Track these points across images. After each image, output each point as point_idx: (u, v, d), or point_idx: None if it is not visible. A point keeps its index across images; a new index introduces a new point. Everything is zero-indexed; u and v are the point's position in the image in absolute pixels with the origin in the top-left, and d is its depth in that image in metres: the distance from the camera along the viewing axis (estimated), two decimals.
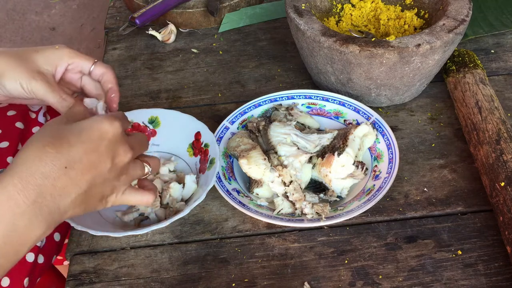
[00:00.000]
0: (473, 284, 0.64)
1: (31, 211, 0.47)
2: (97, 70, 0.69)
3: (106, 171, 0.51)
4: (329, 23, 0.91)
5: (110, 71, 0.69)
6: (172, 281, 0.66)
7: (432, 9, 0.89)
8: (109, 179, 0.52)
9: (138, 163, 0.56)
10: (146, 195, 0.58)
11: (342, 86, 0.84)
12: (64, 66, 0.68)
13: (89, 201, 0.52)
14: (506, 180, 0.67)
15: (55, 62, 0.67)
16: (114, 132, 0.51)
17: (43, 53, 0.66)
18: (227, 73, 0.97)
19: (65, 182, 0.48)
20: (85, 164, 0.49)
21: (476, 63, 0.86)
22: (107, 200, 0.54)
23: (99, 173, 0.50)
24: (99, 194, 0.52)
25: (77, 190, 0.49)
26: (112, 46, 1.04)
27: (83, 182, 0.49)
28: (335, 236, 0.70)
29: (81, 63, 0.68)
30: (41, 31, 2.30)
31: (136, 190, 0.57)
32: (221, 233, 0.71)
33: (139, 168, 0.56)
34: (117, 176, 0.53)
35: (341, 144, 0.73)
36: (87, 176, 0.50)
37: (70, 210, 0.50)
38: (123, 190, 0.55)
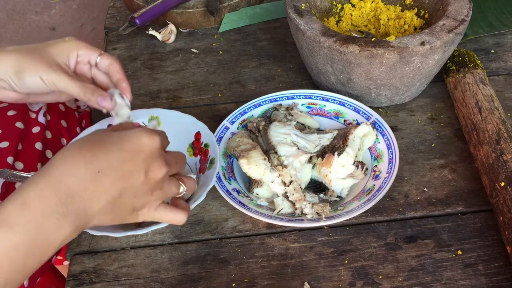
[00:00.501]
0: (473, 284, 0.64)
1: (60, 211, 0.47)
2: (103, 61, 0.70)
3: (139, 183, 0.50)
4: (329, 23, 0.91)
5: (115, 62, 0.70)
6: (172, 281, 0.66)
7: (432, 9, 0.89)
8: (142, 192, 0.51)
9: (173, 181, 0.55)
10: (178, 213, 0.56)
11: (342, 86, 0.84)
12: (74, 57, 0.68)
13: (119, 211, 0.51)
14: (506, 180, 0.67)
15: (67, 53, 0.68)
16: (152, 146, 0.51)
17: (55, 46, 0.67)
18: (227, 73, 0.97)
19: (96, 187, 0.48)
20: (118, 173, 0.49)
21: (476, 63, 0.86)
22: (138, 213, 0.53)
23: (131, 184, 0.50)
24: (129, 206, 0.52)
25: (107, 197, 0.49)
26: (112, 46, 1.04)
27: (113, 190, 0.49)
28: (335, 236, 0.70)
29: (89, 54, 0.69)
30: (41, 31, 2.30)
31: (169, 207, 0.56)
32: (221, 233, 0.71)
33: (174, 186, 0.55)
34: (150, 190, 0.52)
35: (341, 144, 0.73)
36: (119, 185, 0.49)
37: (97, 216, 0.49)
38: (156, 206, 0.54)
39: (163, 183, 0.53)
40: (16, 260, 0.45)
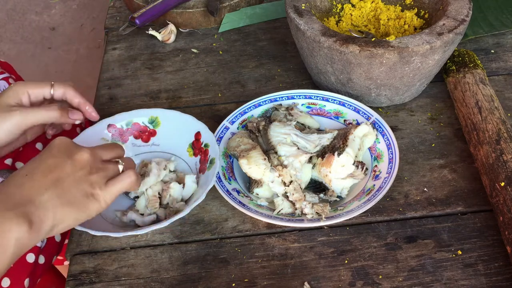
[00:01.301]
0: (473, 284, 0.64)
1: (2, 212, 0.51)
2: (57, 92, 0.73)
3: (69, 168, 0.56)
4: (329, 23, 0.91)
5: (69, 88, 0.73)
6: (172, 281, 0.66)
7: (432, 9, 0.89)
8: (80, 175, 0.56)
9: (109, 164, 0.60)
10: (126, 176, 0.60)
11: (342, 86, 0.84)
12: (26, 96, 0.71)
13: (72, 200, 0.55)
14: (506, 180, 0.67)
15: (17, 95, 0.70)
16: (62, 140, 0.58)
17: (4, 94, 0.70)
18: (227, 73, 0.97)
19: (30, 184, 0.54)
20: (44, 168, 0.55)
21: (476, 63, 0.86)
22: (94, 196, 0.57)
23: (62, 171, 0.55)
24: (79, 192, 0.56)
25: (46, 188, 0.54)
26: (112, 46, 1.04)
27: (48, 181, 0.54)
28: (335, 236, 0.70)
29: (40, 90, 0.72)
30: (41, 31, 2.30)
31: (115, 178, 0.60)
32: (221, 233, 0.71)
33: (110, 165, 0.60)
34: (87, 173, 0.57)
35: (341, 144, 0.73)
36: (51, 175, 0.55)
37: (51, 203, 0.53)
38: (103, 183, 0.58)
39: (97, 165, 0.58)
40: None
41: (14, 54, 2.17)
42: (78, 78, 2.03)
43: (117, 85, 0.96)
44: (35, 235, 0.51)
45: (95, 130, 0.78)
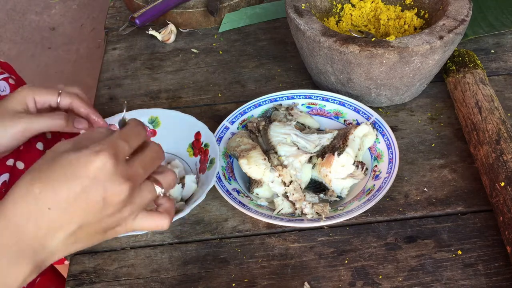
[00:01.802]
0: (473, 284, 0.64)
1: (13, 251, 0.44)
2: (64, 101, 0.69)
3: (98, 210, 0.45)
4: (329, 23, 0.91)
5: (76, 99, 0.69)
6: (172, 281, 0.66)
7: (432, 9, 0.89)
8: (107, 215, 0.47)
9: (145, 187, 0.49)
10: (159, 219, 0.50)
11: (342, 86, 0.84)
12: (32, 102, 0.68)
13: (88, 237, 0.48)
14: (506, 180, 0.67)
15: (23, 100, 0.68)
16: (104, 168, 0.45)
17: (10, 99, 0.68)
18: (227, 73, 0.97)
19: (49, 224, 0.45)
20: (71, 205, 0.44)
21: (476, 63, 0.86)
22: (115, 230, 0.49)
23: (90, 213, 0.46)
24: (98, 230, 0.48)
25: (65, 231, 0.45)
26: (112, 46, 1.04)
27: (70, 224, 0.45)
28: (335, 236, 0.70)
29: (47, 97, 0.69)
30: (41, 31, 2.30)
31: (149, 215, 0.50)
32: (221, 233, 0.71)
33: (147, 192, 0.49)
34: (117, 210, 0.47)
35: (341, 144, 0.73)
36: (75, 217, 0.45)
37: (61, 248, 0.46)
38: (132, 219, 0.49)
39: (132, 197, 0.47)
40: None
41: (14, 54, 2.17)
42: (78, 78, 2.03)
43: (117, 85, 0.96)
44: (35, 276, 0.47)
45: None
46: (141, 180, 0.48)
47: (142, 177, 0.48)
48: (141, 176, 0.48)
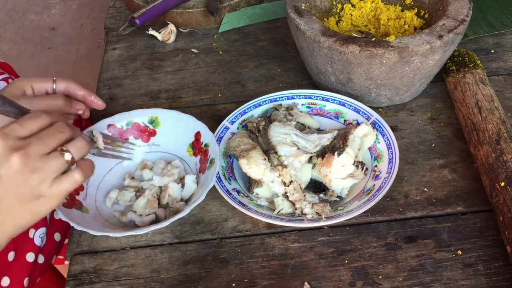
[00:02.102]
0: (473, 284, 0.64)
1: None
2: (60, 86, 0.74)
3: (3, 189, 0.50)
4: (329, 23, 0.91)
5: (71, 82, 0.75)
6: (172, 281, 0.66)
7: (432, 9, 0.89)
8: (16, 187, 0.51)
9: (51, 156, 0.52)
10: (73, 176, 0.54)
11: (342, 86, 0.84)
12: (30, 89, 0.72)
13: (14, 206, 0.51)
14: (506, 180, 0.67)
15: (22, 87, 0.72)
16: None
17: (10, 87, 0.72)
18: (227, 73, 0.97)
19: None
20: None
21: (476, 63, 0.86)
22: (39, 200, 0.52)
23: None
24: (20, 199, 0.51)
25: None
26: (112, 46, 1.04)
27: None
28: (335, 236, 0.70)
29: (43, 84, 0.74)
30: (41, 31, 2.30)
31: (62, 177, 0.53)
32: (221, 233, 0.71)
33: (54, 160, 0.52)
34: (23, 181, 0.51)
35: (341, 144, 0.73)
36: None
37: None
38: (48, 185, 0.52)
39: (34, 166, 0.51)
40: None
41: (14, 54, 2.17)
42: (78, 78, 2.03)
43: (117, 85, 0.96)
44: None
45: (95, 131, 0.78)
46: (39, 151, 0.51)
47: (39, 148, 0.51)
48: (36, 147, 0.51)
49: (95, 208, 0.72)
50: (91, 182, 0.74)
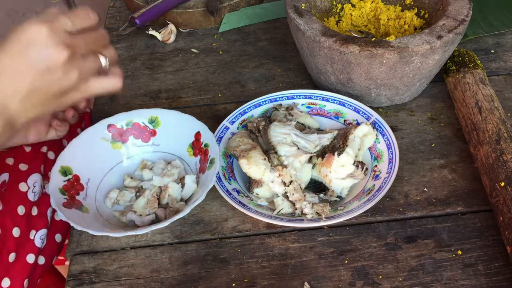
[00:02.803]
0: (473, 284, 0.64)
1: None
2: None
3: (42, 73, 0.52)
4: (329, 23, 0.91)
5: None
6: (172, 281, 0.66)
7: (432, 9, 0.89)
8: (54, 80, 0.53)
9: (90, 57, 0.56)
10: (111, 79, 0.58)
11: (342, 86, 0.84)
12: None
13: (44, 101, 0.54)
14: (506, 180, 0.67)
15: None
16: (37, 33, 0.52)
17: None
18: (227, 73, 0.97)
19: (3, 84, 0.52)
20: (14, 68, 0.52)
21: (476, 63, 0.86)
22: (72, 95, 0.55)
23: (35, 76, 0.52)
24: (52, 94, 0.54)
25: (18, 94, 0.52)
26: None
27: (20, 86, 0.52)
28: (335, 236, 0.70)
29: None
30: None
31: (100, 78, 0.57)
32: (221, 233, 0.71)
33: (92, 60, 0.56)
34: (63, 74, 0.53)
35: (341, 144, 0.73)
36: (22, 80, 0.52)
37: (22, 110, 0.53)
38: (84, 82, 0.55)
39: (75, 63, 0.54)
40: None
41: None
42: None
43: None
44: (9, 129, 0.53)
45: (95, 130, 0.78)
46: (82, 50, 0.55)
47: (83, 48, 0.55)
48: (81, 46, 0.54)
49: (95, 208, 0.72)
50: (91, 182, 0.74)
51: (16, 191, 0.73)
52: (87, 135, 0.77)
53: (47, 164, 0.78)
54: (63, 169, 0.72)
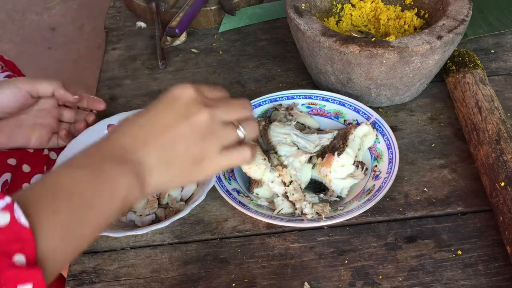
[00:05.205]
0: (473, 284, 0.64)
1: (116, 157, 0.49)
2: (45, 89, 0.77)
3: (184, 130, 0.52)
4: (329, 23, 0.91)
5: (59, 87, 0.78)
6: (172, 281, 0.66)
7: (432, 9, 0.89)
8: (193, 140, 0.52)
9: (229, 126, 0.55)
10: (243, 151, 0.55)
11: (342, 86, 0.84)
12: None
13: (178, 163, 0.52)
14: (506, 180, 0.67)
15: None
16: (186, 94, 0.53)
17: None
18: (227, 73, 0.97)
19: (144, 141, 0.50)
20: (160, 124, 0.51)
21: (476, 63, 0.86)
22: (201, 165, 0.53)
23: (177, 133, 0.51)
24: (187, 157, 0.52)
25: (157, 147, 0.51)
26: (112, 46, 1.04)
27: (161, 142, 0.51)
28: (335, 236, 0.70)
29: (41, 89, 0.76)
30: (41, 31, 2.30)
31: (232, 148, 0.55)
32: (221, 233, 0.71)
33: (230, 130, 0.54)
34: (201, 137, 0.52)
35: (341, 144, 0.73)
36: (165, 135, 0.51)
37: (156, 167, 0.51)
38: (216, 152, 0.53)
39: (213, 128, 0.53)
40: (83, 195, 0.45)
41: (14, 54, 2.17)
42: (78, 78, 2.03)
43: (117, 85, 0.96)
44: (139, 195, 0.50)
45: (95, 130, 0.78)
46: (221, 116, 0.54)
47: (223, 114, 0.54)
48: (221, 111, 0.54)
49: None
50: None
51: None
52: (87, 135, 0.77)
53: (49, 165, 0.78)
54: None
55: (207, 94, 0.55)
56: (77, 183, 0.46)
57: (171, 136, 0.51)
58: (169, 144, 0.51)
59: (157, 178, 0.51)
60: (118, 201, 0.48)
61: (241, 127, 0.55)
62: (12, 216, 0.39)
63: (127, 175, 0.48)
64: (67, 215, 0.43)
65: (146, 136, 0.51)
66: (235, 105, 0.56)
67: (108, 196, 0.47)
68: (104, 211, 0.47)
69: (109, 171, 0.48)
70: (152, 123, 0.52)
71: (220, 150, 0.53)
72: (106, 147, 0.50)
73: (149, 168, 0.50)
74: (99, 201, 0.46)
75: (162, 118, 0.52)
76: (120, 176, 0.48)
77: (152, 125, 0.51)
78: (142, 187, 0.50)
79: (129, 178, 0.48)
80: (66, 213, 0.43)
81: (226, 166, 0.55)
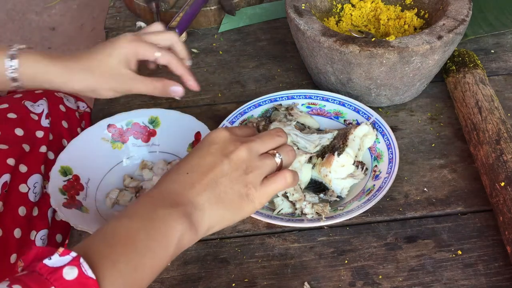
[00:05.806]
0: (473, 284, 0.64)
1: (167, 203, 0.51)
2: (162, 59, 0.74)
3: (226, 168, 0.54)
4: (329, 23, 0.91)
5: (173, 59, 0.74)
6: (172, 281, 0.66)
7: (432, 9, 0.89)
8: (236, 176, 0.54)
9: (267, 156, 0.57)
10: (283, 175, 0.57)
11: (342, 86, 0.84)
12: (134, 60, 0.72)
13: (227, 200, 0.54)
14: (506, 180, 0.67)
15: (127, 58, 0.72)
16: (221, 135, 0.56)
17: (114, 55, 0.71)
18: (227, 73, 0.97)
19: (190, 184, 0.53)
20: (203, 166, 0.54)
21: (476, 63, 0.86)
22: (248, 197, 0.55)
23: (219, 172, 0.54)
24: (234, 193, 0.54)
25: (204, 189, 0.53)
26: None
27: (206, 182, 0.53)
28: (335, 236, 0.70)
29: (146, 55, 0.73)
30: (41, 31, 2.30)
31: (272, 176, 0.57)
32: (221, 233, 0.71)
33: (267, 160, 0.57)
34: (243, 172, 0.55)
35: (341, 144, 0.73)
36: (209, 175, 0.54)
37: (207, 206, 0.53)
38: (259, 182, 0.55)
39: (253, 161, 0.55)
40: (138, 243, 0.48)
41: None
42: None
43: None
44: (193, 236, 0.52)
45: (95, 130, 0.78)
46: (258, 149, 0.57)
47: (259, 146, 0.57)
48: (257, 144, 0.57)
49: (95, 208, 0.72)
50: (91, 182, 0.74)
51: (16, 192, 0.73)
52: (87, 135, 0.77)
53: (47, 165, 0.78)
54: (63, 169, 0.72)
55: (239, 132, 0.58)
56: (131, 233, 0.48)
57: (215, 175, 0.54)
58: (214, 183, 0.53)
59: (209, 216, 0.53)
60: (173, 245, 0.50)
61: (278, 154, 0.58)
62: (80, 271, 0.42)
63: (180, 218, 0.50)
64: (124, 264, 0.46)
65: (193, 180, 0.53)
66: (267, 136, 0.59)
67: (162, 241, 0.49)
68: (160, 257, 0.49)
69: (162, 216, 0.50)
70: (197, 168, 0.54)
71: (262, 181, 0.56)
72: (158, 195, 0.52)
73: (200, 207, 0.52)
74: (153, 247, 0.49)
75: (204, 161, 0.54)
76: (172, 221, 0.50)
77: (197, 170, 0.54)
78: (195, 228, 0.52)
79: (181, 221, 0.50)
80: (123, 263, 0.46)
81: (272, 194, 0.56)
